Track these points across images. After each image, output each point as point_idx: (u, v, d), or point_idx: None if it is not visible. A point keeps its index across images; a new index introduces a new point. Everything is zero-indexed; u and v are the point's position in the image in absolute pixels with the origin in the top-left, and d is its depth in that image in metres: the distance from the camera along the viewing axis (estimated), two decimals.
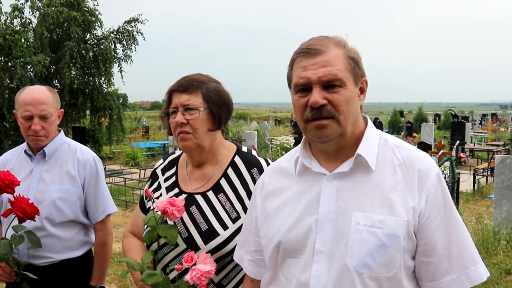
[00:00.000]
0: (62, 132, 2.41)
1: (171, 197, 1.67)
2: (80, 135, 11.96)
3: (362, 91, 1.32)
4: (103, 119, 15.95)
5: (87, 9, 14.30)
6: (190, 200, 1.72)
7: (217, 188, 1.73)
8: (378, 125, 20.13)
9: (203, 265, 1.52)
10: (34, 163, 2.31)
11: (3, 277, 2.12)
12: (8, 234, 2.14)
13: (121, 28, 14.93)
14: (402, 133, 17.88)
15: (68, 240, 2.30)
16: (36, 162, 2.31)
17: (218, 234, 1.63)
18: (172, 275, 1.64)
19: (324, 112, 1.23)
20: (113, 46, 14.69)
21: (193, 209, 1.70)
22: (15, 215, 2.06)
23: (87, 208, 2.37)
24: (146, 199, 1.86)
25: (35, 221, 2.12)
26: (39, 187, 2.25)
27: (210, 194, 1.73)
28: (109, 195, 2.46)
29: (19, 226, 2.11)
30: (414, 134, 20.12)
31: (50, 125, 2.25)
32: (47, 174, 2.28)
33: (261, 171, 1.72)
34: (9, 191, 2.04)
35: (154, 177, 1.91)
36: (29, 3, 13.56)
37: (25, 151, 2.34)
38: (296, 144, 14.14)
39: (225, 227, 1.65)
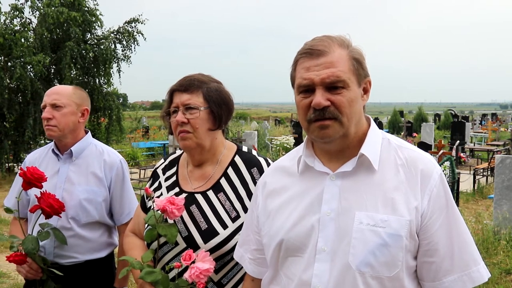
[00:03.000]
0: (89, 133, 2.43)
1: (171, 196, 1.67)
2: None
3: (366, 91, 1.32)
4: (102, 119, 15.95)
5: (87, 9, 14.29)
6: (190, 199, 1.73)
7: (217, 188, 1.73)
8: (378, 125, 20.16)
9: (202, 263, 1.53)
10: (61, 162, 2.33)
11: (29, 273, 2.14)
12: (34, 232, 2.16)
13: (121, 29, 14.93)
14: (402, 133, 17.89)
15: (93, 241, 2.31)
16: (63, 161, 2.32)
17: (218, 233, 1.64)
18: (172, 274, 1.65)
19: (327, 113, 1.23)
20: (113, 46, 14.69)
21: (193, 208, 1.71)
22: (41, 212, 2.08)
23: (112, 210, 2.38)
24: (146, 198, 1.86)
25: (60, 217, 2.15)
26: (65, 186, 2.27)
27: (210, 194, 1.73)
28: (134, 198, 2.46)
29: (45, 224, 2.15)
30: (414, 134, 20.14)
31: (63, 117, 2.25)
32: (74, 175, 2.30)
33: (261, 170, 1.72)
34: (38, 185, 2.07)
35: (155, 176, 1.91)
36: (29, 3, 13.56)
37: (52, 150, 2.36)
38: (296, 144, 14.14)
39: (224, 226, 1.65)
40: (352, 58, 1.27)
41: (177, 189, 1.79)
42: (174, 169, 1.87)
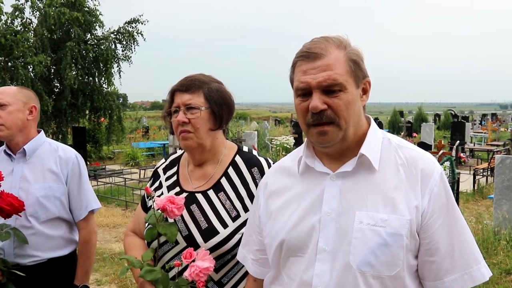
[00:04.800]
0: (42, 132, 2.42)
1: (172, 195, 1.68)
2: (80, 135, 11.96)
3: (365, 91, 1.32)
4: (102, 119, 15.95)
5: (87, 9, 14.32)
6: (191, 198, 1.73)
7: (217, 187, 1.74)
8: (378, 125, 20.16)
9: (202, 261, 1.53)
10: (14, 162, 2.30)
11: None
12: None
13: (121, 29, 14.95)
14: (402, 133, 17.89)
15: (55, 238, 2.30)
16: (17, 161, 2.30)
17: (218, 233, 1.64)
18: (173, 273, 1.65)
19: (324, 117, 1.23)
20: (113, 46, 14.71)
21: (194, 207, 1.71)
22: None
23: (70, 205, 2.37)
24: (147, 198, 1.86)
25: (20, 216, 2.13)
26: (21, 185, 2.25)
27: (211, 193, 1.73)
28: (92, 192, 2.45)
29: (4, 225, 2.12)
30: (414, 134, 20.14)
31: (8, 115, 2.23)
32: (29, 173, 2.28)
33: (261, 170, 1.72)
34: None
35: (155, 176, 1.92)
36: (29, 3, 13.57)
37: (4, 151, 2.34)
38: (296, 144, 14.13)
39: (225, 225, 1.65)
40: (350, 60, 1.26)
41: (177, 189, 1.79)
42: (175, 169, 1.87)
